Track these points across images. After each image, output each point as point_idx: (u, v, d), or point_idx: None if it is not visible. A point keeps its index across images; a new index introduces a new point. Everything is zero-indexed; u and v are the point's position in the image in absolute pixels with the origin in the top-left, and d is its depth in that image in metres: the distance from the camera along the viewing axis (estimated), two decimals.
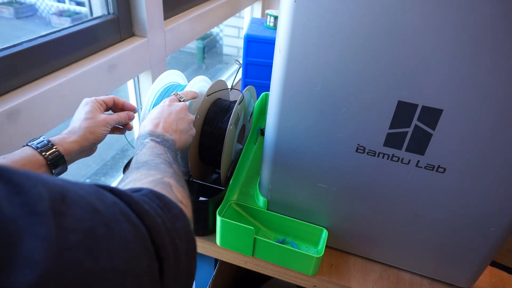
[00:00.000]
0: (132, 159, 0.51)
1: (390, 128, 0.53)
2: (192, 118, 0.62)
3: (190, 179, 0.75)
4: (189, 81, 0.74)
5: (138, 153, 0.50)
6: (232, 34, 2.65)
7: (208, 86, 0.70)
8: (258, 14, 2.16)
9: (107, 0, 0.97)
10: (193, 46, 3.26)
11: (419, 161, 0.54)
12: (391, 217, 0.62)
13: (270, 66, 0.58)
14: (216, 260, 0.79)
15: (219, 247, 0.69)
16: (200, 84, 0.75)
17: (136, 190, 0.35)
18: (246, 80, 1.14)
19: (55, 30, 0.85)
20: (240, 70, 1.13)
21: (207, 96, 0.70)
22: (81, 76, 0.85)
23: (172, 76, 0.77)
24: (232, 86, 0.85)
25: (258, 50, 1.08)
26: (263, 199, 0.71)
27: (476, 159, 0.51)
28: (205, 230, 0.71)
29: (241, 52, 2.55)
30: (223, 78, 1.50)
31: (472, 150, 0.51)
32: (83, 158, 0.61)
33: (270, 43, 1.06)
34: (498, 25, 0.41)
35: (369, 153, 0.56)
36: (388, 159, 0.56)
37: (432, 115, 0.49)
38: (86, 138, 0.58)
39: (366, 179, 0.59)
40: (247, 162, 0.85)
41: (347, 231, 0.67)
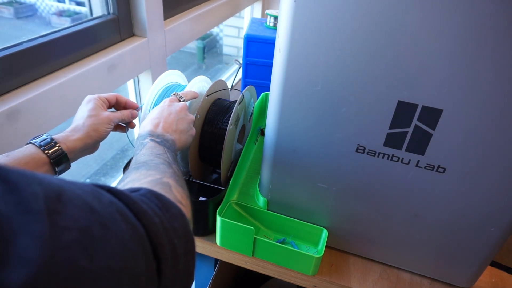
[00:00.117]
0: (132, 159, 0.51)
1: (390, 128, 0.53)
2: (192, 118, 0.62)
3: (190, 179, 0.75)
4: (189, 81, 0.74)
5: (137, 153, 0.50)
6: (232, 34, 2.65)
7: (208, 86, 0.70)
8: (258, 14, 2.16)
9: (107, 0, 0.97)
10: (193, 46, 3.26)
11: (419, 161, 0.54)
12: (391, 217, 0.62)
13: (270, 66, 0.58)
14: (216, 260, 0.79)
15: (219, 247, 0.69)
16: (200, 84, 0.75)
17: (134, 190, 0.35)
18: (246, 80, 1.14)
19: (55, 30, 0.85)
20: (240, 70, 1.13)
21: (207, 96, 0.70)
22: (81, 76, 0.85)
23: (172, 76, 0.77)
24: (232, 86, 0.85)
25: (258, 50, 1.08)
26: (263, 199, 0.71)
27: (476, 159, 0.51)
28: (205, 230, 0.71)
29: (241, 52, 2.55)
30: (223, 78, 1.49)
31: (472, 150, 0.51)
32: (86, 155, 0.61)
33: (270, 43, 1.06)
34: (498, 25, 0.41)
35: (369, 153, 0.56)
36: (388, 159, 0.56)
37: (432, 115, 0.49)
38: (89, 136, 0.58)
39: (366, 179, 0.59)
40: (247, 162, 0.85)
41: (347, 231, 0.67)
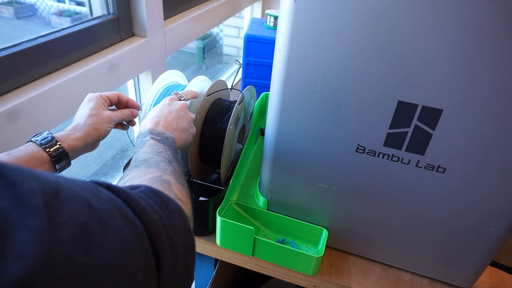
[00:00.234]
0: (132, 159, 0.51)
1: (390, 128, 0.53)
2: (192, 116, 0.62)
3: (190, 179, 0.75)
4: (189, 81, 0.74)
5: (138, 151, 0.50)
6: (232, 34, 2.65)
7: (208, 86, 0.70)
8: (258, 14, 2.16)
9: (107, 0, 0.97)
10: (193, 46, 3.26)
11: (419, 161, 0.54)
12: (391, 217, 0.62)
13: (270, 66, 0.58)
14: (216, 260, 0.79)
15: (219, 247, 0.69)
16: (200, 84, 0.75)
17: (134, 187, 0.35)
18: (246, 80, 1.14)
19: (55, 30, 0.85)
20: (240, 70, 1.13)
21: (207, 96, 0.70)
22: (81, 76, 0.85)
23: (172, 76, 0.77)
24: (232, 86, 0.85)
25: (258, 50, 1.08)
26: (263, 199, 0.71)
27: (476, 159, 0.51)
28: (205, 230, 0.71)
29: (241, 52, 2.55)
30: (223, 78, 1.50)
31: (472, 150, 0.51)
32: (85, 153, 0.62)
33: (270, 43, 1.06)
34: (498, 25, 0.41)
35: (369, 153, 0.56)
36: (388, 159, 0.56)
37: (432, 115, 0.49)
38: (90, 135, 0.59)
39: (366, 179, 0.59)
40: (247, 162, 0.85)
41: (347, 231, 0.67)
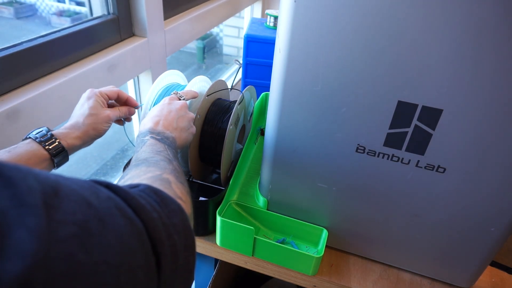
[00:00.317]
0: (132, 159, 0.51)
1: (390, 128, 0.53)
2: (192, 116, 0.62)
3: (190, 179, 0.75)
4: (189, 81, 0.74)
5: (138, 150, 0.50)
6: (232, 34, 2.65)
7: (208, 86, 0.70)
8: (258, 14, 2.16)
9: (107, 0, 0.97)
10: (193, 46, 3.26)
11: (419, 161, 0.54)
12: (391, 217, 0.62)
13: (270, 66, 0.58)
14: (216, 260, 0.79)
15: (219, 247, 0.69)
16: (200, 84, 0.75)
17: (133, 186, 0.35)
18: (246, 80, 1.14)
19: (55, 30, 0.85)
20: (240, 70, 1.13)
21: (207, 96, 0.70)
22: (81, 76, 0.85)
23: (172, 76, 0.77)
24: (232, 86, 0.85)
25: (258, 50, 1.08)
26: (263, 199, 0.71)
27: (476, 159, 0.51)
28: (205, 230, 0.71)
29: (241, 52, 2.55)
30: (223, 78, 1.49)
31: (472, 150, 0.51)
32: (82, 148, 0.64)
33: (270, 43, 1.06)
34: (498, 25, 0.41)
35: (369, 153, 0.56)
36: (388, 159, 0.56)
37: (432, 115, 0.49)
38: (88, 135, 0.60)
39: (366, 179, 0.59)
40: (247, 162, 0.85)
41: (347, 231, 0.67)
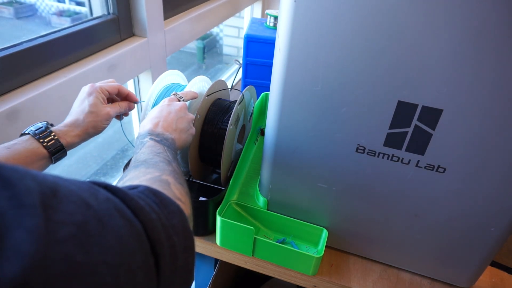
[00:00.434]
0: (131, 159, 0.51)
1: (390, 128, 0.53)
2: (192, 117, 0.62)
3: (190, 179, 0.75)
4: (189, 81, 0.74)
5: (137, 152, 0.50)
6: (232, 34, 2.65)
7: (208, 86, 0.70)
8: (258, 14, 2.16)
9: (107, 0, 0.97)
10: (193, 46, 3.26)
11: (419, 161, 0.54)
12: (391, 217, 0.62)
13: (270, 66, 0.58)
14: (216, 260, 0.79)
15: (219, 247, 0.69)
16: (200, 84, 0.75)
17: (132, 187, 0.35)
18: (246, 80, 1.14)
19: (55, 30, 0.85)
20: (240, 70, 1.13)
21: (207, 96, 0.70)
22: (81, 76, 0.85)
23: (172, 76, 0.77)
24: (232, 86, 0.85)
25: (258, 50, 1.08)
26: (263, 199, 0.71)
27: (476, 159, 0.51)
28: (205, 230, 0.71)
29: (241, 52, 2.55)
30: (223, 78, 1.49)
31: (472, 150, 0.51)
32: None
33: (270, 43, 1.06)
34: (498, 24, 0.41)
35: (369, 153, 0.56)
36: (388, 159, 0.56)
37: (432, 115, 0.49)
38: (88, 133, 0.60)
39: (366, 179, 0.59)
40: (247, 162, 0.85)
41: (347, 231, 0.67)
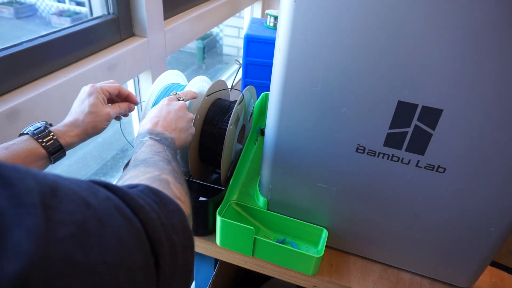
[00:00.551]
0: (131, 159, 0.51)
1: (390, 128, 0.53)
2: (192, 116, 0.62)
3: (190, 179, 0.75)
4: (189, 81, 0.74)
5: (137, 151, 0.50)
6: (232, 34, 2.65)
7: (208, 86, 0.70)
8: (258, 14, 2.16)
9: (107, 0, 0.98)
10: (193, 46, 3.26)
11: (419, 161, 0.54)
12: (391, 217, 0.62)
13: (270, 66, 0.58)
14: (216, 260, 0.79)
15: (219, 247, 0.69)
16: (200, 84, 0.75)
17: (132, 186, 0.35)
18: (246, 80, 1.14)
19: (55, 30, 0.85)
20: (240, 70, 1.13)
21: (207, 96, 0.70)
22: (81, 76, 0.85)
23: (172, 76, 0.77)
24: (232, 86, 0.85)
25: (258, 50, 1.08)
26: (263, 199, 0.71)
27: (476, 159, 0.51)
28: (205, 230, 0.71)
29: (241, 52, 2.55)
30: (223, 78, 1.50)
31: (472, 150, 0.51)
32: None
33: (270, 43, 1.06)
34: (499, 24, 0.41)
35: (369, 153, 0.56)
36: (388, 159, 0.56)
37: (432, 115, 0.49)
38: (87, 133, 0.60)
39: (366, 179, 0.59)
40: (247, 162, 0.85)
41: (347, 231, 0.67)
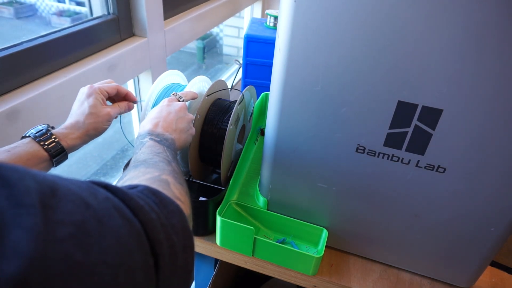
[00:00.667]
0: (131, 159, 0.51)
1: (390, 128, 0.53)
2: (192, 117, 0.62)
3: (190, 179, 0.75)
4: (189, 81, 0.74)
5: (137, 152, 0.50)
6: (232, 34, 2.65)
7: (208, 86, 0.70)
8: (258, 14, 2.16)
9: (107, 0, 0.98)
10: (193, 46, 3.27)
11: (419, 161, 0.54)
12: (391, 217, 0.62)
13: (270, 66, 0.58)
14: (216, 260, 0.79)
15: (219, 247, 0.69)
16: (200, 84, 0.75)
17: (132, 187, 0.35)
18: (246, 80, 1.14)
19: (55, 30, 0.85)
20: (240, 70, 1.13)
21: (207, 96, 0.70)
22: (81, 76, 0.85)
23: (172, 76, 0.77)
24: (232, 86, 0.85)
25: (258, 50, 1.08)
26: (263, 199, 0.71)
27: (476, 159, 0.51)
28: (205, 230, 0.71)
29: (241, 52, 2.55)
30: (223, 78, 1.50)
31: (472, 150, 0.51)
32: None
33: (270, 43, 1.06)
34: (499, 24, 0.41)
35: (369, 153, 0.56)
36: (388, 159, 0.56)
37: (432, 115, 0.49)
38: (88, 135, 0.60)
39: (366, 179, 0.59)
40: (247, 162, 0.85)
41: (347, 231, 0.67)
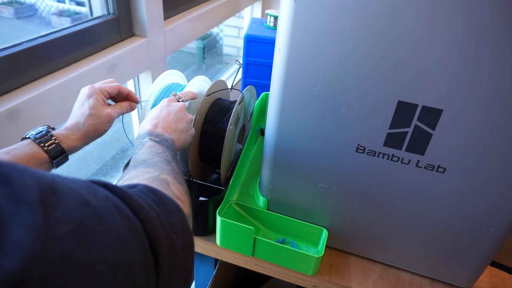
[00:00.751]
0: (131, 159, 0.51)
1: (390, 128, 0.53)
2: (191, 117, 0.62)
3: (190, 179, 0.75)
4: (189, 81, 0.74)
5: (137, 152, 0.50)
6: (232, 34, 2.65)
7: (208, 86, 0.70)
8: (258, 14, 2.16)
9: (107, 0, 0.98)
10: (193, 46, 3.27)
11: (419, 161, 0.54)
12: (391, 217, 0.62)
13: (270, 66, 0.58)
14: (216, 260, 0.79)
15: (219, 247, 0.69)
16: (200, 84, 0.75)
17: (131, 186, 0.35)
18: (246, 80, 1.14)
19: (55, 30, 0.85)
20: (240, 70, 1.13)
21: (207, 96, 0.70)
22: (81, 76, 0.85)
23: (172, 76, 0.77)
24: (232, 86, 0.85)
25: (258, 50, 1.08)
26: (263, 199, 0.71)
27: (476, 159, 0.51)
28: (205, 230, 0.71)
29: (241, 52, 2.55)
30: (223, 78, 1.50)
31: (472, 150, 0.51)
32: None
33: (270, 43, 1.06)
34: (498, 24, 0.41)
35: (369, 153, 0.56)
36: (388, 159, 0.56)
37: (432, 115, 0.49)
38: (89, 136, 0.60)
39: (366, 179, 0.59)
40: (247, 162, 0.85)
41: (347, 231, 0.67)
